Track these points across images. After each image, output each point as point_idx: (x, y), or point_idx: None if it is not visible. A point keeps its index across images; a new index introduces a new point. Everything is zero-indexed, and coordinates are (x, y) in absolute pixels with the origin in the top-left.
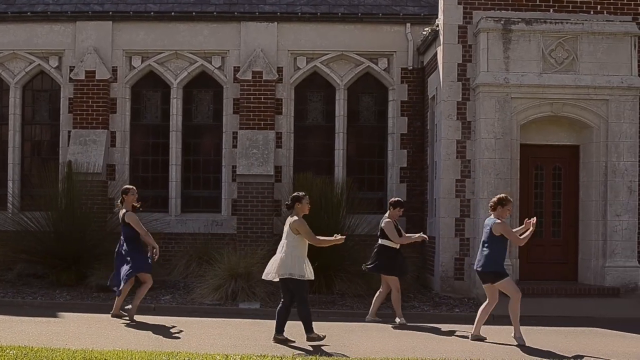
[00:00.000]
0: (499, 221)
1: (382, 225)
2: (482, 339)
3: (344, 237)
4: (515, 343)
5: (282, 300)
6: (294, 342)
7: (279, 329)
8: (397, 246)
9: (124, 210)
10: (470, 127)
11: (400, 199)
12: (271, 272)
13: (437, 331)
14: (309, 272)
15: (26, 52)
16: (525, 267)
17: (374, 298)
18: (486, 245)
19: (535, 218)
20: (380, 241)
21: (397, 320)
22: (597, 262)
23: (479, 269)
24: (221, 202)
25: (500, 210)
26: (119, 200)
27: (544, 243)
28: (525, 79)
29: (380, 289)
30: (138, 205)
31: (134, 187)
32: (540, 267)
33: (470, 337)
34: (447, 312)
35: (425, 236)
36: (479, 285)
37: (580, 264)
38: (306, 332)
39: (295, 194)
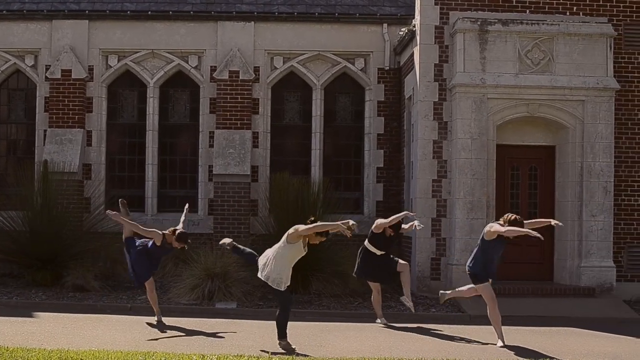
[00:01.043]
0: (494, 226)
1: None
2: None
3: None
4: (500, 344)
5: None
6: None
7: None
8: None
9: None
10: (447, 127)
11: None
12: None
13: (414, 330)
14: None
15: (2, 50)
16: (502, 267)
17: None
18: (478, 246)
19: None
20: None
21: (378, 320)
22: (573, 262)
23: (467, 268)
24: (198, 202)
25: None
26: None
27: (520, 243)
28: (501, 80)
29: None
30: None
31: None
32: (517, 267)
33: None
34: (424, 312)
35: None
36: (456, 285)
37: (556, 264)
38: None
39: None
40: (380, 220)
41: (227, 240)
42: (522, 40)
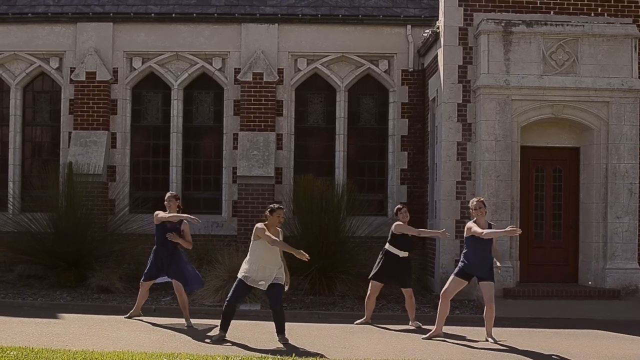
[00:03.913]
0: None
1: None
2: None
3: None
4: (492, 344)
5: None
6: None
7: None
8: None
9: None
10: (471, 129)
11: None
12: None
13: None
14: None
15: (27, 53)
16: (526, 269)
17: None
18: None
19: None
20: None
21: (359, 321)
22: (598, 264)
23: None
24: (222, 204)
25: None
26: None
27: (545, 245)
28: (525, 81)
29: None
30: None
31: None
32: (541, 269)
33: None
34: (448, 314)
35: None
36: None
37: (581, 266)
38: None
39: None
40: (399, 224)
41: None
42: (546, 41)
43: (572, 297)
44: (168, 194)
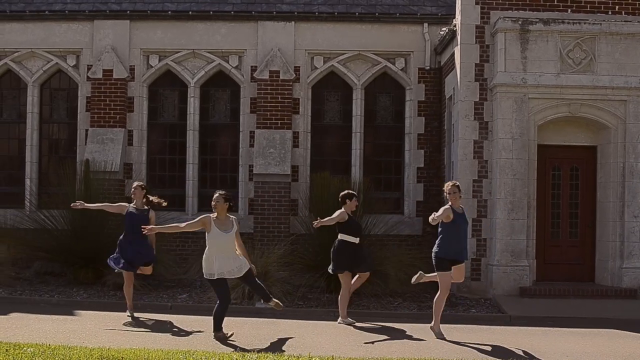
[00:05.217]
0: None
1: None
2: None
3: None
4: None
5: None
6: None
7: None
8: (357, 241)
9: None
10: (488, 127)
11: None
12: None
13: (457, 331)
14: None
15: (44, 50)
16: (542, 267)
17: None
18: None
19: None
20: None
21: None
22: (615, 263)
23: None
24: (238, 202)
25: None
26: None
27: (561, 244)
28: (542, 80)
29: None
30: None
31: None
32: (557, 267)
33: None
34: (464, 313)
35: None
36: (496, 285)
37: (598, 265)
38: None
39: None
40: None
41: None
42: (563, 39)
43: (589, 296)
44: (134, 184)
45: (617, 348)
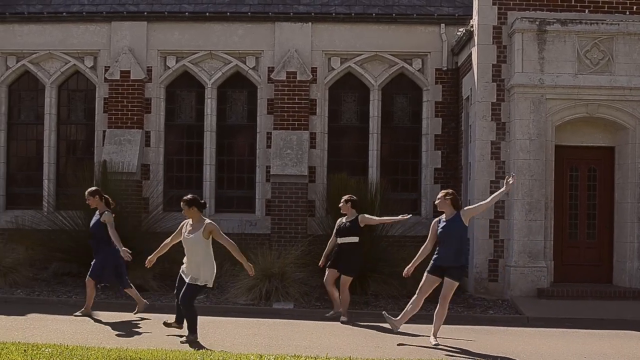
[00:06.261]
0: None
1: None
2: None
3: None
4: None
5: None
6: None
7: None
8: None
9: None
10: (505, 128)
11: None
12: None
13: (472, 332)
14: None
15: (62, 52)
16: (560, 269)
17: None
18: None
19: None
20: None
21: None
22: (632, 265)
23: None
24: (255, 202)
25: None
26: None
27: (579, 245)
28: (560, 80)
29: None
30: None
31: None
32: (575, 269)
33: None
34: (482, 314)
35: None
36: (514, 287)
37: (615, 266)
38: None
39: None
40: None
41: None
42: (581, 40)
43: (607, 297)
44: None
45: (635, 350)
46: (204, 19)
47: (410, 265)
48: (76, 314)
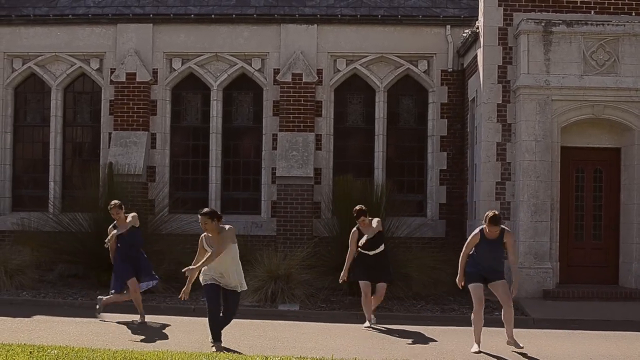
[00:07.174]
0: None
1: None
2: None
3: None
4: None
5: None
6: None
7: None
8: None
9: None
10: (511, 129)
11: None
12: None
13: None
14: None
15: (67, 54)
16: (566, 270)
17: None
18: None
19: None
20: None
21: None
22: (638, 266)
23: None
24: (261, 204)
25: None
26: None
27: (585, 246)
28: (566, 81)
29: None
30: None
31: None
32: (581, 270)
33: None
34: (488, 315)
35: None
36: (520, 288)
37: (621, 267)
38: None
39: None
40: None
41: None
42: (586, 41)
43: (613, 298)
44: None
45: None
46: (209, 21)
47: None
48: (137, 321)
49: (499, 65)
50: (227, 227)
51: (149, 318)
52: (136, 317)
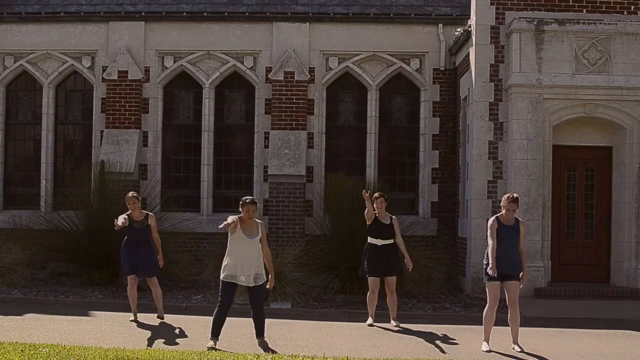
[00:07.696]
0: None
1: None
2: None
3: None
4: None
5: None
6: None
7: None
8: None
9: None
10: (503, 128)
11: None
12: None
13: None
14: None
15: (59, 52)
16: (558, 268)
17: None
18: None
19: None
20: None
21: (369, 320)
22: (630, 264)
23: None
24: None
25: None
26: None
27: (576, 245)
28: (557, 80)
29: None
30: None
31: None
32: (573, 268)
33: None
34: (479, 314)
35: None
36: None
37: (613, 266)
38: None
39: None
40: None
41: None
42: (578, 40)
43: (604, 297)
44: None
45: (633, 349)
46: (201, 19)
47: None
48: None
49: (491, 64)
50: (259, 221)
51: (141, 316)
52: (129, 315)
